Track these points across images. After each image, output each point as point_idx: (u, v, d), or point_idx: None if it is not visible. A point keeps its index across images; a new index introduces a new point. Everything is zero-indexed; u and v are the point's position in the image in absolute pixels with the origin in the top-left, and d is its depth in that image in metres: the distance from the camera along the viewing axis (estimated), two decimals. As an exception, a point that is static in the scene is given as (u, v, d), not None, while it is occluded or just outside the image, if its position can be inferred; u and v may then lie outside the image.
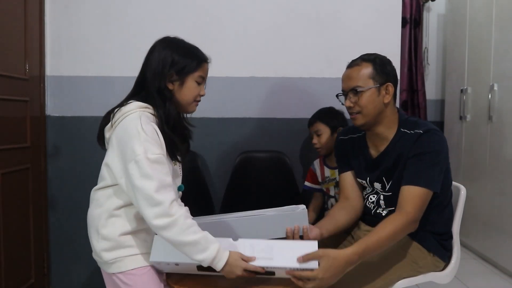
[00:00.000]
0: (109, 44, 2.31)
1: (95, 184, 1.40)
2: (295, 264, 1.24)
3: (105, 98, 1.43)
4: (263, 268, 1.23)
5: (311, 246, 1.29)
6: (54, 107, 2.33)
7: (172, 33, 1.43)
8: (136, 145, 1.23)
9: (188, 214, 1.28)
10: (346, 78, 1.58)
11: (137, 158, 1.21)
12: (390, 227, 1.41)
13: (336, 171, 2.00)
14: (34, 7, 2.20)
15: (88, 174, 1.51)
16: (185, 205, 1.36)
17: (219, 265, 1.21)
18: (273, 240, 1.33)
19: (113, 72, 2.28)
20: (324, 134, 2.05)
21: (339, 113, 2.14)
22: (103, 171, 1.35)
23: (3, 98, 1.94)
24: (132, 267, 1.31)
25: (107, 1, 2.31)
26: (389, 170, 1.56)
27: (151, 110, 1.33)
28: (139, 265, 1.31)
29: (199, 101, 1.43)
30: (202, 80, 1.41)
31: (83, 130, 2.29)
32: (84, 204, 1.44)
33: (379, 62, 1.56)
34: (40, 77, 2.27)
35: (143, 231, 1.34)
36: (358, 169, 1.69)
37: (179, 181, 1.45)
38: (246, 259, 1.24)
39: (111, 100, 1.43)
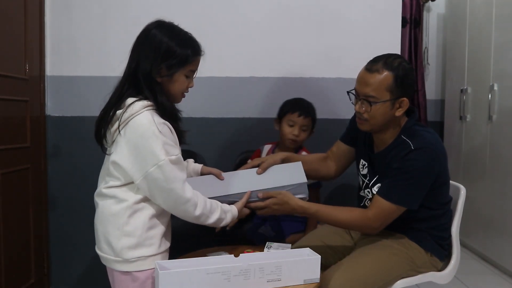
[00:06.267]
0: (109, 44, 2.31)
1: (95, 183, 1.39)
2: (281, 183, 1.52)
3: (105, 98, 1.42)
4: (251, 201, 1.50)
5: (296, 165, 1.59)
6: (54, 107, 2.33)
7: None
8: (157, 149, 1.24)
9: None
10: (362, 81, 1.48)
11: (160, 162, 1.24)
12: (347, 216, 1.51)
13: None
14: (34, 7, 2.20)
15: (88, 174, 1.51)
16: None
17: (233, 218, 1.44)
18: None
19: (113, 72, 2.26)
20: (308, 131, 2.00)
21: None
22: (112, 169, 1.31)
23: (3, 98, 1.94)
24: (153, 266, 1.29)
25: (107, 1, 2.31)
26: (381, 174, 1.57)
27: (154, 106, 1.31)
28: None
29: (187, 92, 1.41)
30: (192, 74, 1.39)
31: (83, 130, 2.29)
32: (84, 204, 1.44)
33: (401, 73, 1.45)
34: (40, 77, 2.27)
35: (165, 222, 1.36)
36: (360, 151, 1.71)
37: None
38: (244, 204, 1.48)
39: (111, 100, 1.42)
